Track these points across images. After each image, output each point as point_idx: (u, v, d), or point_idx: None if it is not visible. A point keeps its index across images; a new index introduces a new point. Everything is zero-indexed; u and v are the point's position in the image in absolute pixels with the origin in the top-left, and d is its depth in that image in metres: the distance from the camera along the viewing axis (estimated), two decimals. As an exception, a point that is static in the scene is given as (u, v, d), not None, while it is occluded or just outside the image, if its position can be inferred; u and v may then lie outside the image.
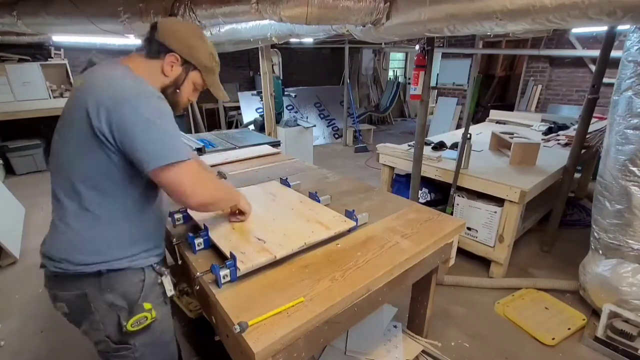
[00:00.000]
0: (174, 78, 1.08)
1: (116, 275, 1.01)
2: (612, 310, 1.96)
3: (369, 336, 1.87)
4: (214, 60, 1.14)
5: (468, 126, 2.43)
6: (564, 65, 5.53)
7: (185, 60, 1.07)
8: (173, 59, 1.05)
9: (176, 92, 1.10)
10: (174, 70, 1.07)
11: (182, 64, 1.07)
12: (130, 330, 1.03)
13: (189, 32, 1.08)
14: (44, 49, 5.18)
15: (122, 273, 1.02)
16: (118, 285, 1.01)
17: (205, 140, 3.14)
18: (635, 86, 1.88)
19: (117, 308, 1.02)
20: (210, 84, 1.16)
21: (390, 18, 1.91)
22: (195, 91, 1.17)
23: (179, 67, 1.07)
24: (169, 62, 1.05)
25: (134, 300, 1.04)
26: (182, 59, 1.06)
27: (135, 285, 1.04)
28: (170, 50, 1.04)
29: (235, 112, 7.14)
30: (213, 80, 1.17)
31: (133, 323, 1.02)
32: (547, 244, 2.98)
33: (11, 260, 2.83)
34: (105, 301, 1.01)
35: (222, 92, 1.22)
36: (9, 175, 4.97)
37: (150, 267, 1.09)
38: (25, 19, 2.71)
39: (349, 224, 1.45)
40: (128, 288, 1.03)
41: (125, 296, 1.03)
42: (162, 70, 1.05)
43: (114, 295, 1.01)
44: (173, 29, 1.06)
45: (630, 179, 1.92)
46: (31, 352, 2.00)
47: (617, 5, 1.21)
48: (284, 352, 0.97)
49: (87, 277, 0.99)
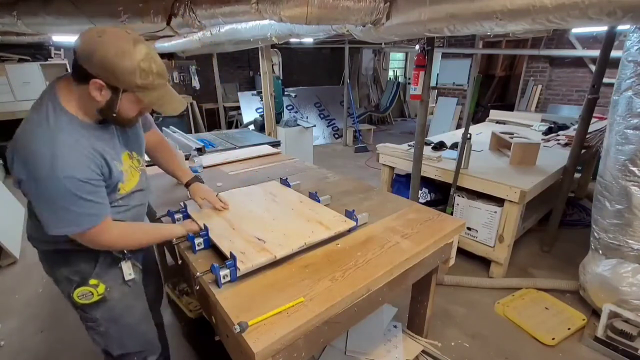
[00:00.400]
0: (106, 102, 0.97)
1: (72, 255, 1.15)
2: (612, 310, 1.96)
3: (369, 336, 1.87)
4: (150, 74, 0.96)
5: (468, 126, 2.43)
6: (564, 65, 5.53)
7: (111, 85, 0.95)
8: (97, 85, 0.93)
9: (113, 115, 1.01)
10: (103, 95, 0.96)
11: (109, 87, 0.95)
12: (78, 302, 1.16)
13: (108, 50, 0.90)
14: (44, 49, 5.18)
15: (77, 253, 1.14)
16: (72, 262, 1.16)
17: (205, 140, 3.14)
18: (635, 86, 1.88)
19: (71, 281, 1.17)
20: (150, 103, 1.02)
21: (390, 18, 1.91)
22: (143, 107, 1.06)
23: (107, 91, 0.95)
24: (93, 88, 0.94)
25: (85, 276, 1.16)
26: (106, 83, 0.94)
27: (87, 264, 1.17)
28: (91, 76, 0.92)
29: (235, 112, 7.15)
30: (153, 98, 1.01)
31: (79, 294, 1.15)
32: (547, 244, 2.98)
33: (11, 260, 2.83)
34: (63, 274, 1.17)
35: (170, 105, 1.06)
36: (9, 175, 4.97)
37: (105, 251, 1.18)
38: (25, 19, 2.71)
39: (349, 224, 1.45)
40: (81, 266, 1.16)
41: (79, 272, 1.16)
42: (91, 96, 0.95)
43: (69, 271, 1.16)
44: (90, 49, 0.91)
45: (630, 179, 1.92)
46: (31, 352, 2.00)
47: (617, 5, 1.21)
48: (284, 352, 0.97)
49: (49, 253, 1.18)
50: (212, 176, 2.18)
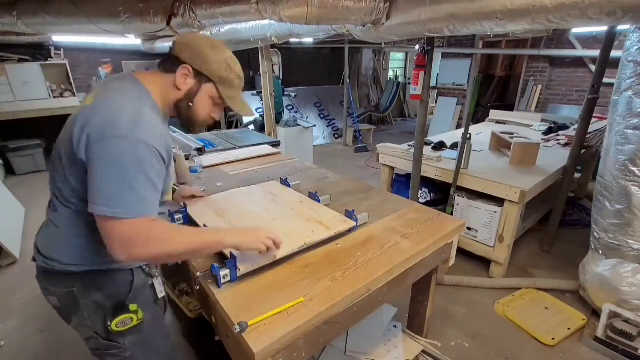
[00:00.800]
0: (186, 91, 1.03)
1: (103, 276, 1.01)
2: (612, 310, 1.96)
3: (369, 336, 1.87)
4: (233, 72, 1.06)
5: (468, 126, 2.43)
6: (564, 65, 5.53)
7: (198, 71, 1.02)
8: (185, 71, 1.00)
9: (189, 105, 1.04)
10: (187, 83, 1.02)
11: (195, 76, 1.02)
12: (115, 330, 1.03)
13: (203, 42, 1.02)
14: (44, 49, 5.18)
15: (110, 274, 1.02)
16: (105, 285, 1.02)
17: (205, 140, 3.14)
18: (635, 86, 1.88)
19: (103, 307, 1.02)
20: (227, 97, 1.07)
21: (390, 18, 1.91)
22: (216, 106, 1.10)
23: (191, 80, 1.02)
24: (180, 74, 1.00)
25: (121, 301, 1.04)
26: (194, 70, 1.01)
27: (123, 287, 1.04)
28: (182, 62, 1.00)
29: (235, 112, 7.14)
30: (231, 94, 1.08)
31: (118, 323, 1.02)
32: (547, 244, 2.98)
33: (11, 260, 2.83)
34: (92, 299, 1.01)
35: (243, 107, 1.13)
36: (9, 175, 4.97)
37: (139, 268, 1.08)
38: (25, 19, 2.71)
39: (349, 224, 1.45)
40: (115, 289, 1.03)
41: (112, 296, 1.03)
42: (175, 84, 1.01)
43: (101, 295, 1.02)
44: (187, 41, 1.03)
45: (630, 179, 1.92)
46: (31, 352, 2.00)
47: (617, 5, 1.21)
48: (284, 352, 0.97)
49: (76, 275, 0.99)
50: (212, 176, 2.18)
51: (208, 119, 1.12)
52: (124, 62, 6.24)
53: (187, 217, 1.52)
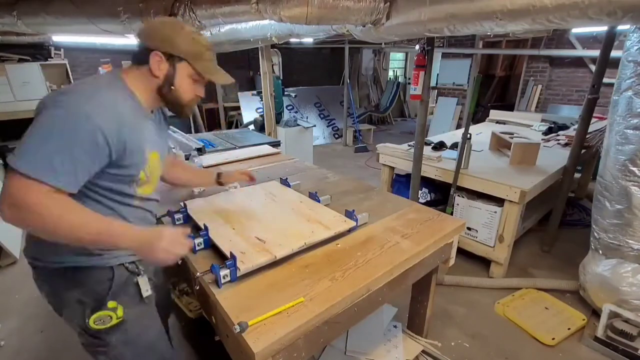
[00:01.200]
0: (164, 76, 1.05)
1: (82, 272, 1.02)
2: (612, 310, 1.96)
3: (369, 336, 1.87)
4: (199, 44, 1.06)
5: (468, 126, 2.43)
6: (564, 65, 5.53)
7: (169, 54, 1.03)
8: (157, 57, 1.02)
9: (171, 89, 1.06)
10: (162, 68, 1.03)
11: (167, 59, 1.03)
12: (94, 328, 1.03)
13: (165, 26, 1.05)
14: (44, 49, 5.17)
15: (88, 270, 1.02)
16: (84, 282, 1.03)
17: (205, 140, 3.14)
18: (635, 86, 1.88)
19: (84, 304, 1.03)
20: (204, 70, 1.08)
21: (390, 18, 1.91)
22: (197, 83, 1.11)
23: (165, 64, 1.03)
24: (153, 61, 1.02)
25: (100, 298, 1.03)
26: (164, 54, 1.02)
27: (102, 284, 1.04)
28: (151, 50, 1.02)
29: (235, 112, 7.14)
30: (206, 66, 1.09)
31: (96, 320, 1.02)
32: (547, 244, 2.98)
33: (11, 260, 2.83)
34: (73, 296, 1.03)
35: (221, 75, 1.13)
36: (9, 175, 4.97)
37: (121, 265, 1.07)
38: (25, 19, 2.71)
39: (349, 224, 1.45)
40: (95, 286, 1.03)
41: (92, 293, 1.03)
42: (152, 72, 1.03)
43: (81, 292, 1.03)
44: (150, 29, 1.06)
45: (630, 179, 1.92)
46: (31, 352, 2.00)
47: (617, 5, 1.21)
48: (284, 352, 0.97)
49: (56, 272, 1.02)
50: (212, 176, 2.17)
51: (194, 98, 1.13)
52: (124, 62, 6.23)
53: (187, 217, 1.52)
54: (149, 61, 1.02)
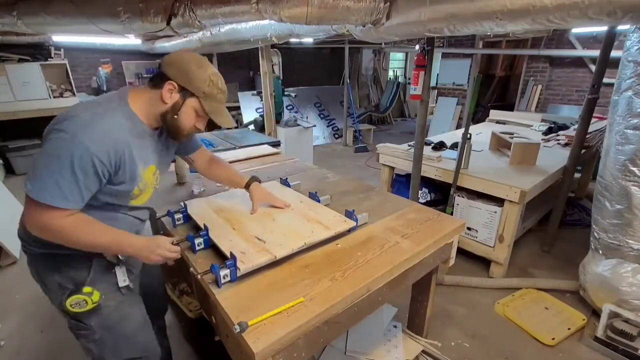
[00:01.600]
0: (172, 104, 1.12)
1: (62, 260, 1.10)
2: (612, 310, 1.96)
3: (369, 336, 1.87)
4: (216, 87, 1.15)
5: (468, 126, 2.43)
6: (564, 65, 5.53)
7: (183, 87, 1.11)
8: (170, 87, 1.10)
9: (174, 117, 1.14)
10: (172, 97, 1.11)
11: (180, 90, 1.11)
12: (71, 311, 1.11)
13: (188, 60, 1.12)
14: (44, 49, 5.17)
15: (67, 258, 1.10)
16: (63, 268, 1.11)
17: (205, 140, 3.14)
18: (635, 86, 1.88)
19: (64, 288, 1.12)
20: (210, 111, 1.17)
21: (390, 18, 1.91)
22: (200, 117, 1.19)
23: (176, 94, 1.11)
24: (166, 89, 1.10)
25: (78, 283, 1.12)
26: (179, 86, 1.10)
27: (80, 271, 1.13)
28: (168, 78, 1.09)
29: (235, 112, 7.14)
30: (214, 107, 1.18)
31: (72, 303, 1.10)
32: (547, 244, 2.98)
33: (11, 260, 2.83)
34: (55, 280, 1.12)
35: (224, 118, 1.22)
36: (9, 175, 4.97)
37: (99, 254, 1.14)
38: (25, 19, 2.71)
39: (349, 224, 1.45)
40: (74, 272, 1.12)
41: (71, 279, 1.12)
42: (162, 98, 1.10)
43: (60, 277, 1.12)
44: (174, 59, 1.12)
45: (630, 179, 1.92)
46: (31, 352, 2.00)
47: (617, 5, 1.21)
48: (284, 352, 0.97)
49: (38, 257, 1.13)
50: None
51: (193, 130, 1.21)
52: (124, 62, 6.24)
53: (186, 217, 1.52)
54: (163, 88, 1.10)
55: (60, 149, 0.95)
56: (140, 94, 1.13)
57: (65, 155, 0.94)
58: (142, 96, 1.12)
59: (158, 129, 1.20)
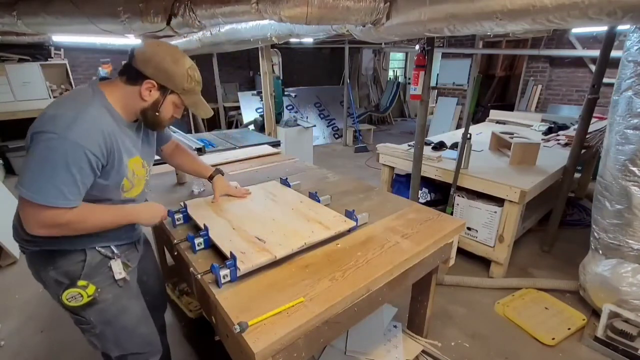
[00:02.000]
0: (152, 102, 1.11)
1: (56, 255, 1.12)
2: (612, 310, 1.96)
3: (369, 336, 1.87)
4: (193, 80, 1.14)
5: (468, 126, 2.43)
6: (564, 65, 5.53)
7: (161, 85, 1.09)
8: (149, 85, 1.08)
9: (156, 114, 1.14)
10: (152, 95, 1.10)
11: (159, 88, 1.10)
12: (68, 304, 1.12)
13: (163, 56, 1.08)
14: (44, 49, 5.18)
15: (61, 253, 1.12)
16: (59, 264, 1.12)
17: (205, 140, 3.14)
18: (635, 86, 1.88)
19: (61, 284, 1.13)
20: (190, 105, 1.18)
21: (390, 18, 1.91)
22: (178, 108, 1.19)
23: (156, 92, 1.10)
24: (145, 88, 1.08)
25: (74, 278, 1.13)
26: (158, 84, 1.09)
27: (75, 265, 1.13)
28: (146, 77, 1.07)
29: (235, 112, 7.14)
30: (193, 101, 1.18)
31: (68, 296, 1.11)
32: (547, 244, 2.98)
33: (11, 260, 2.83)
34: (50, 276, 1.13)
35: (203, 110, 1.22)
36: (9, 175, 4.97)
37: (93, 249, 1.15)
38: (25, 19, 2.70)
39: (349, 224, 1.45)
40: (68, 267, 1.13)
41: (66, 273, 1.13)
42: (140, 95, 1.09)
43: (56, 272, 1.13)
44: (147, 55, 1.08)
45: (630, 179, 1.92)
46: (31, 352, 2.00)
47: (617, 5, 1.21)
48: (284, 352, 0.97)
49: (34, 254, 1.14)
50: (212, 176, 2.17)
51: (171, 120, 1.22)
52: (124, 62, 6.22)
53: (186, 217, 1.52)
54: (141, 85, 1.07)
55: (51, 150, 0.94)
56: (114, 89, 1.10)
57: (59, 155, 0.94)
58: (116, 91, 1.10)
59: (136, 122, 1.19)
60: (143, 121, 1.17)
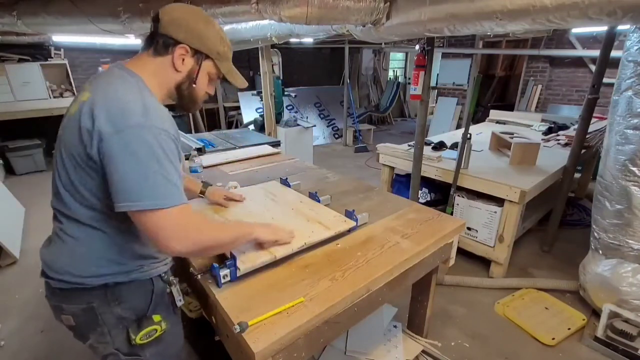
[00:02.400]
0: (187, 72, 0.98)
1: (124, 287, 0.96)
2: (612, 310, 1.96)
3: (369, 336, 1.87)
4: (226, 44, 1.02)
5: (468, 126, 2.43)
6: (564, 65, 5.53)
7: (196, 50, 0.96)
8: (183, 51, 0.94)
9: (192, 86, 1.00)
10: (186, 63, 0.96)
11: (193, 54, 0.97)
12: (139, 344, 0.98)
13: (194, 17, 0.96)
14: (44, 49, 5.18)
15: (130, 285, 0.96)
16: (126, 298, 0.97)
17: (205, 140, 3.14)
18: (635, 86, 1.88)
19: (126, 321, 0.97)
20: (226, 72, 1.04)
21: (390, 18, 1.91)
22: (211, 82, 1.06)
23: (190, 59, 0.96)
24: (178, 55, 0.94)
25: (143, 313, 0.99)
26: (192, 49, 0.95)
27: (144, 297, 0.99)
28: (178, 42, 0.93)
29: (235, 112, 7.14)
30: (228, 67, 1.05)
31: (142, 336, 0.97)
32: (547, 244, 2.98)
33: (11, 260, 2.83)
34: (114, 314, 0.96)
35: (240, 79, 1.09)
36: (9, 175, 4.97)
37: (158, 277, 1.03)
38: (25, 19, 2.71)
39: (349, 224, 1.45)
40: (137, 300, 0.99)
41: (134, 308, 0.98)
42: (174, 66, 0.95)
43: (122, 308, 0.96)
44: (176, 16, 0.94)
45: (630, 179, 1.92)
46: (31, 352, 2.00)
47: (617, 5, 1.21)
48: (284, 352, 0.97)
49: (94, 289, 0.93)
50: (212, 176, 2.18)
51: (205, 96, 1.08)
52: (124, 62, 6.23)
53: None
54: (173, 54, 0.94)
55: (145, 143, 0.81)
56: (145, 65, 0.95)
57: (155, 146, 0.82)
58: (146, 67, 0.95)
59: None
60: (178, 100, 1.02)
